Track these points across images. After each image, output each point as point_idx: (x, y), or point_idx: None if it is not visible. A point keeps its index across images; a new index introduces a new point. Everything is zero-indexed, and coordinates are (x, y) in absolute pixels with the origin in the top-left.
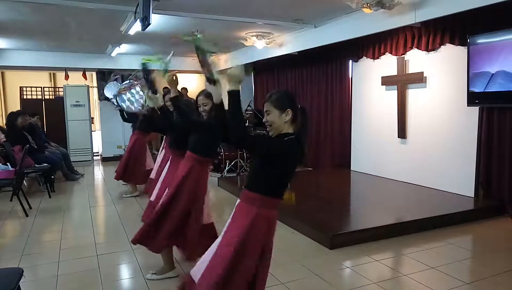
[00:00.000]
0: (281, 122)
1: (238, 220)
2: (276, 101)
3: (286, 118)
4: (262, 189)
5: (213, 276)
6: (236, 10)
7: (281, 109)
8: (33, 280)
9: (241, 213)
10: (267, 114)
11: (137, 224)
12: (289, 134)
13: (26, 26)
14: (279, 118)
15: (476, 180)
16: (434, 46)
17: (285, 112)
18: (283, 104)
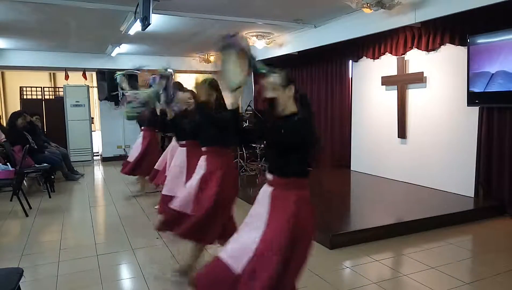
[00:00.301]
0: (286, 98)
1: (280, 208)
2: (276, 78)
3: (289, 93)
4: (294, 172)
5: (269, 268)
6: (236, 10)
7: (284, 84)
8: (33, 280)
9: (280, 200)
10: (270, 91)
11: (137, 224)
12: (296, 114)
13: (26, 26)
14: (283, 93)
15: (476, 180)
16: (434, 46)
17: (288, 87)
18: (284, 80)
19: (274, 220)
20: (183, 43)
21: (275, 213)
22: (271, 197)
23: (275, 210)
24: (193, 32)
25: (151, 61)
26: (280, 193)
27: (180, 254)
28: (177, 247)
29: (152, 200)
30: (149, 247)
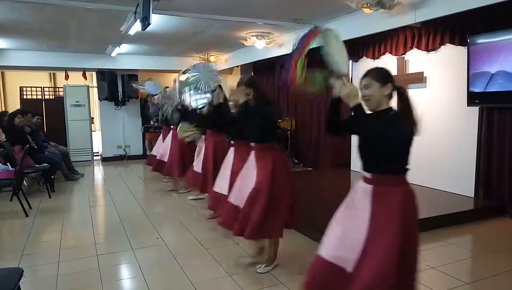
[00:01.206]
0: (380, 95)
1: (385, 206)
2: (377, 75)
3: (385, 92)
4: (398, 169)
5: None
6: (236, 10)
7: (382, 82)
8: (33, 280)
9: (383, 197)
10: (365, 88)
11: (137, 224)
12: (390, 110)
13: (26, 26)
14: (379, 90)
15: (476, 180)
16: (434, 46)
17: (385, 86)
18: (384, 78)
19: (378, 219)
20: (183, 43)
21: (380, 210)
22: (372, 195)
23: (379, 208)
24: (193, 32)
25: (151, 61)
26: (382, 190)
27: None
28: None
29: (151, 201)
30: (149, 247)
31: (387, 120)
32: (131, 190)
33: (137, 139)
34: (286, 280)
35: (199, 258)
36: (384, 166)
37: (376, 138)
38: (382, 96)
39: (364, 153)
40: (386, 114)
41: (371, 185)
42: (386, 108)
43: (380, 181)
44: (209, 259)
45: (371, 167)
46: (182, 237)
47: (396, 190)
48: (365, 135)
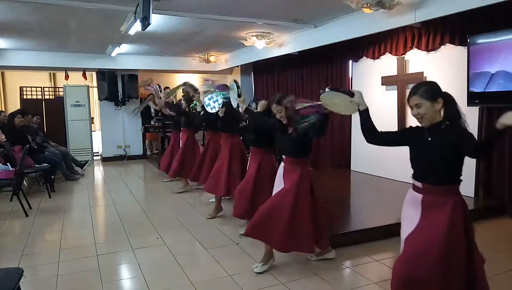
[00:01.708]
0: (433, 112)
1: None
2: (426, 92)
3: (438, 107)
4: (453, 179)
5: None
6: (236, 10)
7: (432, 99)
8: (33, 280)
9: (434, 207)
10: (417, 107)
11: (137, 224)
12: (442, 122)
13: (26, 26)
14: (431, 108)
15: (476, 180)
16: (434, 46)
17: (436, 101)
18: (433, 94)
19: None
20: (183, 43)
21: (427, 218)
22: (422, 203)
23: (427, 216)
24: (193, 32)
25: (151, 61)
26: (432, 199)
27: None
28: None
29: (153, 202)
30: (149, 247)
31: (438, 133)
32: (131, 190)
33: (137, 139)
34: (286, 280)
35: (199, 258)
36: (433, 177)
37: (425, 152)
38: (435, 112)
39: (415, 164)
40: (437, 128)
41: (421, 194)
42: (436, 122)
43: (429, 191)
44: (209, 259)
45: (422, 177)
46: (182, 237)
47: (447, 200)
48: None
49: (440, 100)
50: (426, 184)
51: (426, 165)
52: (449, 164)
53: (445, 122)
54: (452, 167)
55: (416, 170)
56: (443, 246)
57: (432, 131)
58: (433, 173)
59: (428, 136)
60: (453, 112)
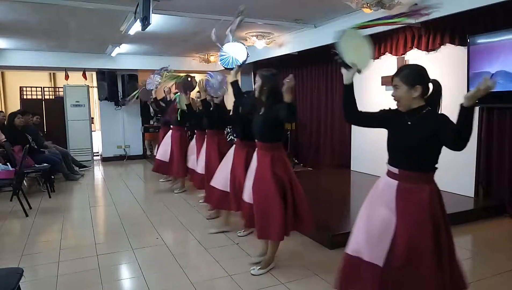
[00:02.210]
0: (409, 98)
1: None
2: (405, 77)
3: (414, 94)
4: (430, 166)
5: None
6: (236, 10)
7: (410, 85)
8: (33, 280)
9: (410, 194)
10: (395, 88)
11: (137, 224)
12: (423, 107)
13: (26, 26)
14: (406, 93)
15: (476, 180)
16: (434, 46)
17: (413, 88)
18: (413, 80)
19: (406, 216)
20: (183, 43)
21: (405, 207)
22: (397, 190)
23: (404, 204)
24: (193, 32)
25: (151, 61)
26: (408, 186)
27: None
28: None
29: (154, 202)
30: (149, 247)
31: (419, 118)
32: (131, 190)
33: (137, 139)
34: (286, 280)
35: (199, 258)
36: (410, 163)
37: (403, 135)
38: (411, 98)
39: (393, 148)
40: (419, 112)
41: (397, 180)
42: (418, 106)
43: (407, 178)
44: (209, 259)
45: (398, 162)
46: (182, 237)
47: (423, 188)
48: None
49: (418, 87)
50: (403, 170)
51: (404, 149)
52: (428, 150)
53: (427, 107)
54: (430, 154)
55: (393, 155)
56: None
57: (412, 115)
58: (411, 158)
59: (408, 120)
60: (438, 100)
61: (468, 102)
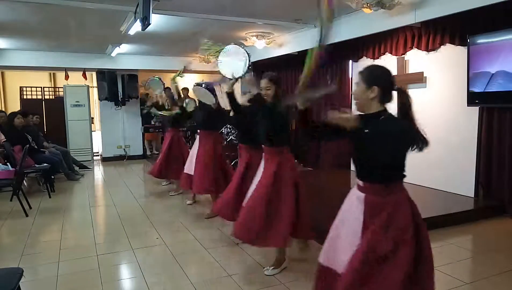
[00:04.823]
0: (365, 98)
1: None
2: (366, 75)
3: (370, 95)
4: (389, 178)
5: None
6: (236, 10)
7: (368, 84)
8: (33, 280)
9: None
10: (355, 86)
11: (137, 224)
12: (381, 113)
13: (26, 26)
14: (363, 93)
15: (476, 180)
16: (434, 46)
17: (370, 89)
18: (370, 80)
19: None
20: (183, 43)
21: (371, 219)
22: (365, 203)
23: (370, 216)
24: (193, 32)
25: (151, 61)
26: (373, 199)
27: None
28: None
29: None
30: (149, 247)
31: (375, 125)
32: (131, 190)
33: (137, 139)
34: (286, 280)
35: (199, 258)
36: (373, 175)
37: (362, 146)
38: (367, 99)
39: (355, 160)
40: (376, 118)
41: (364, 193)
42: (375, 112)
43: (371, 190)
44: (209, 259)
45: (362, 175)
46: (182, 237)
47: (388, 201)
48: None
49: (375, 88)
50: (366, 182)
51: (363, 161)
52: (389, 159)
53: (385, 113)
54: (392, 163)
55: (357, 167)
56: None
57: (369, 122)
58: (371, 170)
59: (365, 127)
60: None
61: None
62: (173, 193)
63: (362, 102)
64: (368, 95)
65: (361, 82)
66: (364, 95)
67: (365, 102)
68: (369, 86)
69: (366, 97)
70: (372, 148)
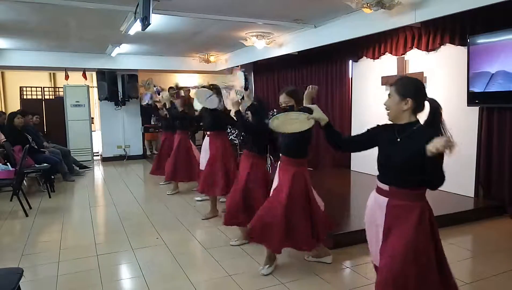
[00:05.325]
0: (398, 110)
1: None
2: (400, 87)
3: (404, 107)
4: (421, 183)
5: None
6: (236, 10)
7: (401, 96)
8: (33, 280)
9: (401, 211)
10: (388, 97)
11: (137, 224)
12: (413, 124)
13: (26, 26)
14: (396, 104)
15: (476, 180)
16: (434, 46)
17: (404, 101)
18: (404, 92)
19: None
20: (183, 43)
21: (393, 224)
22: (387, 208)
23: (392, 221)
24: (193, 32)
25: (151, 61)
26: (398, 203)
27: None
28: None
29: (154, 202)
30: (149, 247)
31: (408, 135)
32: (131, 190)
33: (137, 139)
34: (286, 280)
35: (199, 258)
36: (403, 180)
37: (394, 153)
38: (400, 111)
39: (382, 165)
40: (409, 128)
41: (387, 197)
42: (408, 122)
43: (397, 195)
44: (209, 259)
45: (389, 180)
46: (182, 237)
47: (415, 205)
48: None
49: (409, 100)
50: (393, 187)
51: (393, 166)
52: (417, 167)
53: (418, 124)
54: (420, 171)
55: (383, 172)
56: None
57: (402, 132)
58: (401, 175)
59: (398, 136)
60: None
61: (430, 152)
62: (170, 192)
63: (395, 114)
64: (402, 107)
65: (394, 93)
66: (398, 106)
67: (398, 114)
68: (402, 98)
69: (400, 108)
70: (403, 155)
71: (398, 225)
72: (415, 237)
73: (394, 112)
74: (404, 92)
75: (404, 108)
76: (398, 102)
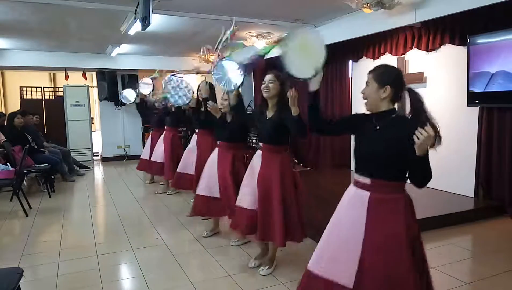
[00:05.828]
0: (376, 98)
1: (383, 213)
2: (378, 74)
3: (382, 95)
4: (403, 174)
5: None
6: (236, 10)
7: (380, 84)
8: (33, 280)
9: (383, 205)
10: (366, 85)
11: (137, 224)
12: (392, 111)
13: (26, 26)
14: (375, 92)
15: (476, 180)
16: (434, 46)
17: (383, 88)
18: (383, 80)
19: (378, 230)
20: (183, 43)
21: (378, 220)
22: (369, 202)
23: (376, 216)
24: (193, 32)
25: (151, 61)
26: (382, 197)
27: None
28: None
29: (153, 201)
30: (149, 247)
31: (387, 123)
32: (131, 190)
33: (137, 139)
34: (286, 280)
35: (199, 258)
36: (386, 171)
37: (374, 142)
38: (379, 99)
39: (362, 155)
40: (387, 116)
41: (368, 191)
42: (386, 110)
43: (380, 187)
44: (209, 259)
45: (371, 172)
46: (182, 237)
47: (399, 197)
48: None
49: (387, 88)
50: (376, 179)
51: (374, 157)
52: (400, 156)
53: (396, 111)
54: (402, 161)
55: (363, 164)
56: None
57: (380, 119)
58: (383, 166)
59: (377, 124)
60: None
61: (418, 152)
62: (170, 192)
63: (373, 101)
64: (380, 95)
65: (372, 81)
66: (376, 94)
67: (377, 102)
68: (381, 86)
69: (378, 96)
70: (383, 143)
71: (384, 220)
72: (405, 229)
73: (372, 100)
74: (382, 80)
75: (382, 96)
76: (377, 89)
